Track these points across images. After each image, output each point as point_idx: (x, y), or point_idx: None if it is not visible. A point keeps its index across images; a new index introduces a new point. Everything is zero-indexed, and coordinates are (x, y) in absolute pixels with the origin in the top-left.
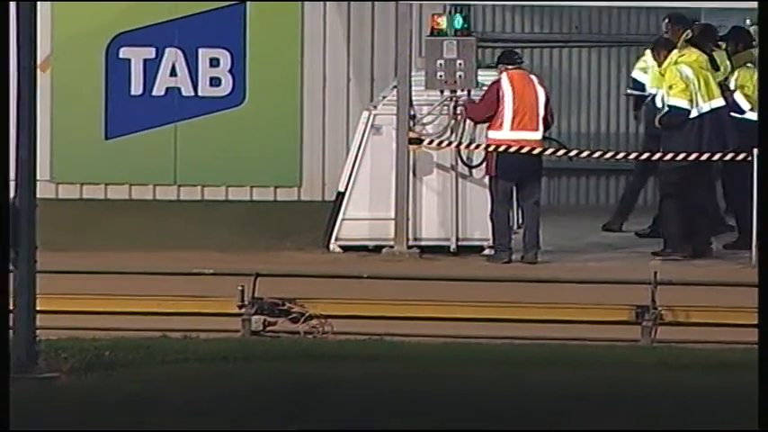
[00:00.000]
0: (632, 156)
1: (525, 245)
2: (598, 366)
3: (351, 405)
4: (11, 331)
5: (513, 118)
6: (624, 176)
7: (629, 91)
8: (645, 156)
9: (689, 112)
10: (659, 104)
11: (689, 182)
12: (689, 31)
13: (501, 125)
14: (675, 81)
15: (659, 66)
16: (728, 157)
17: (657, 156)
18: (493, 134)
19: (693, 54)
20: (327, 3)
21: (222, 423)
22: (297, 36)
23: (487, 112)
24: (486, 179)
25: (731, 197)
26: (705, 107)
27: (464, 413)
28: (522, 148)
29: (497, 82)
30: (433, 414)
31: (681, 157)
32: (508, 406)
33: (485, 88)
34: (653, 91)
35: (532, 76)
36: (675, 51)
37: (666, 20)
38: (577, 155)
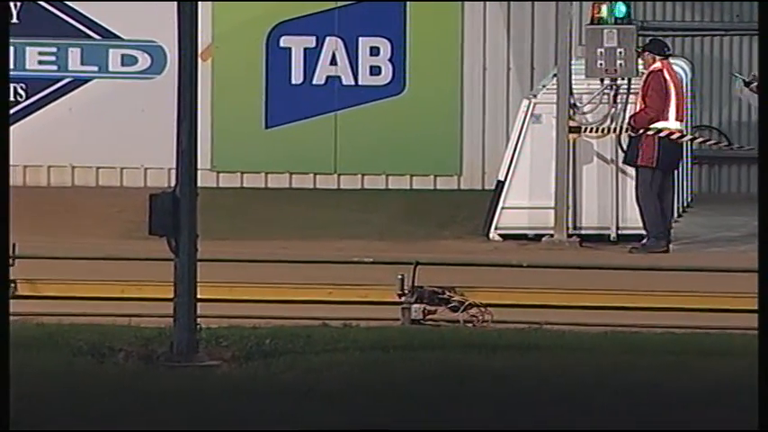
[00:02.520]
0: None
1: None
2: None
3: (511, 395)
4: (171, 320)
5: (677, 108)
6: None
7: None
8: None
9: None
10: None
11: None
12: None
13: (667, 116)
14: None
15: None
16: None
17: None
18: (657, 124)
19: None
20: None
21: (381, 411)
22: (457, 24)
23: (663, 102)
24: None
25: None
26: None
27: (626, 403)
28: (682, 137)
29: (658, 72)
30: (595, 403)
31: None
32: (670, 395)
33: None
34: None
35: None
36: None
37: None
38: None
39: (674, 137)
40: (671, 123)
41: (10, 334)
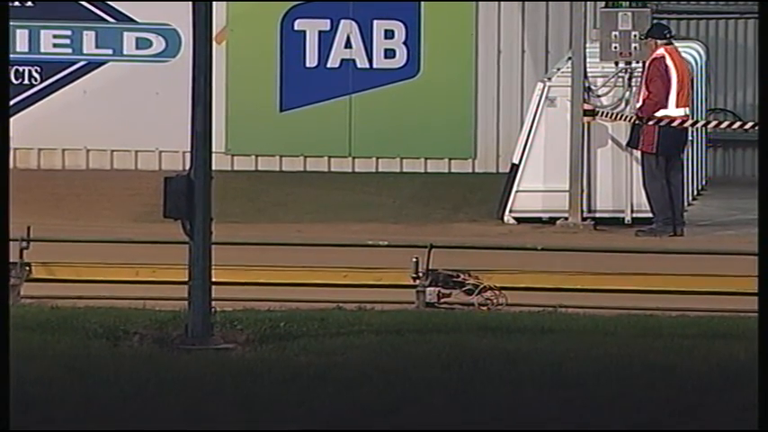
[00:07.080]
0: None
1: (675, 220)
2: None
3: (525, 378)
4: (186, 303)
5: (678, 94)
6: None
7: None
8: None
9: None
10: None
11: None
12: None
13: (667, 103)
14: None
15: None
16: None
17: None
18: (658, 112)
19: None
20: None
21: (395, 394)
22: (471, 7)
23: (665, 88)
24: None
25: None
26: None
27: (641, 386)
28: (683, 123)
29: (659, 59)
30: (609, 386)
31: None
32: (685, 378)
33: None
34: None
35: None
36: None
37: None
38: (753, 126)
39: (674, 123)
40: (671, 110)
41: (10, 335)
